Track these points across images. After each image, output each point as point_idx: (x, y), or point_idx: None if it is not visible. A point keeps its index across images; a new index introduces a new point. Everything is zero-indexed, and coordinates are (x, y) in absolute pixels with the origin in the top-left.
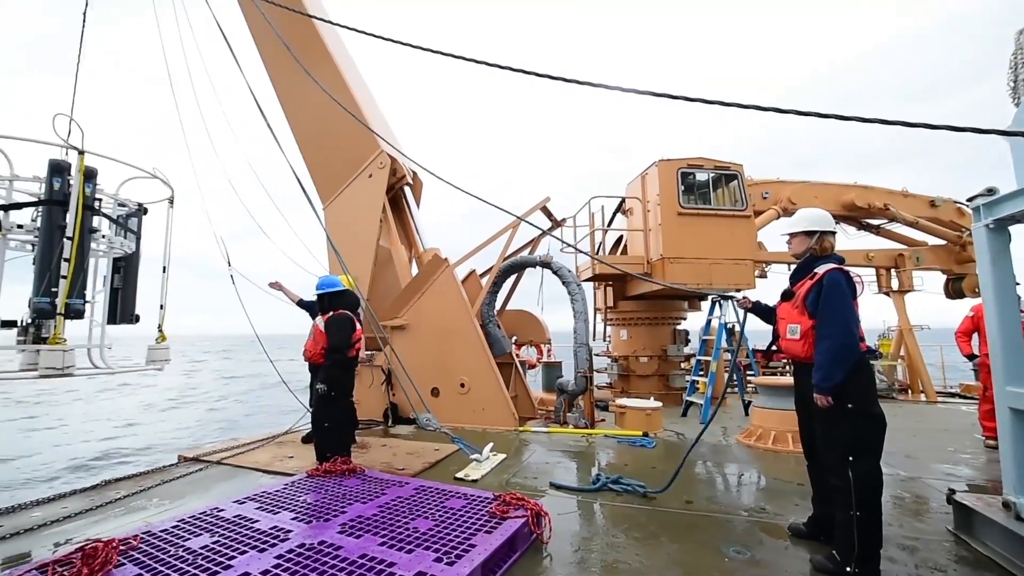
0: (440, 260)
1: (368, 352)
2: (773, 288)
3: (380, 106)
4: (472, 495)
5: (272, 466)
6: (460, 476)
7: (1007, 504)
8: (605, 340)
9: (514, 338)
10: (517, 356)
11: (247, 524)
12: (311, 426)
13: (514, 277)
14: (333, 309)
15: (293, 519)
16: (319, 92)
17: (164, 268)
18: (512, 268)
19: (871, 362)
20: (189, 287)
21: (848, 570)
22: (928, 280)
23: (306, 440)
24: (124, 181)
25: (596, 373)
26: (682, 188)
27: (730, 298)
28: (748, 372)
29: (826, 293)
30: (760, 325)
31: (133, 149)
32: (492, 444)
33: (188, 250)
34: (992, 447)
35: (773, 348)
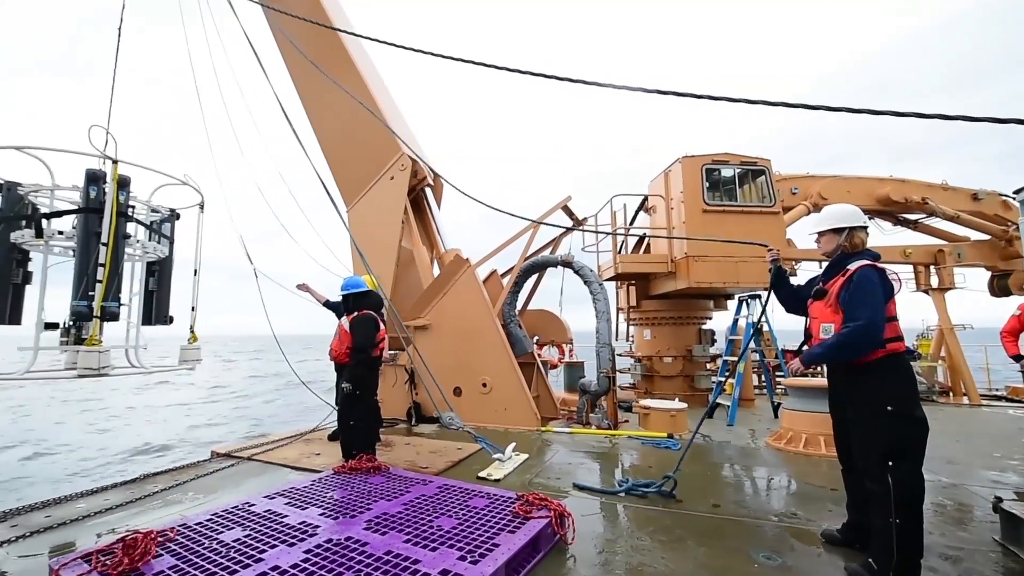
0: (462, 260)
1: (391, 352)
2: None
3: (400, 109)
4: (495, 494)
5: (300, 463)
6: (483, 475)
7: None
8: (628, 340)
9: (535, 338)
10: (539, 356)
11: (277, 519)
12: (337, 424)
13: (535, 277)
14: (358, 309)
15: (321, 515)
16: (342, 97)
17: (195, 271)
18: (533, 268)
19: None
20: (224, 289)
21: None
22: (971, 277)
23: (332, 438)
24: (156, 188)
25: (619, 373)
26: (707, 185)
27: (757, 297)
28: (778, 373)
29: (854, 286)
30: (790, 323)
31: (132, 149)
32: (514, 444)
33: (224, 253)
34: None
35: (805, 348)
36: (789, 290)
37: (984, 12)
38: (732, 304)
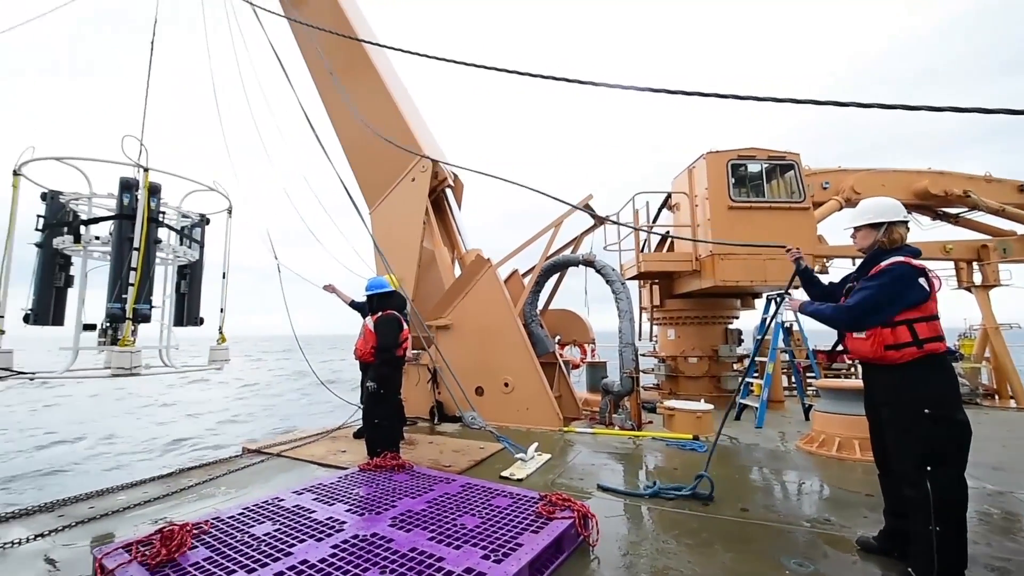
0: (483, 260)
1: (414, 351)
2: None
3: (420, 111)
4: (518, 494)
5: (327, 459)
6: (505, 475)
7: None
8: (652, 340)
9: (557, 338)
10: (560, 356)
11: (305, 514)
12: (362, 422)
13: (556, 276)
14: (382, 309)
15: (347, 511)
16: (364, 101)
17: (224, 274)
18: (554, 267)
19: (951, 364)
20: (255, 290)
21: None
22: (1017, 273)
23: (358, 435)
24: (187, 194)
25: (642, 374)
26: (732, 181)
27: (787, 295)
28: (809, 374)
29: (876, 273)
30: (820, 324)
31: (161, 155)
32: (537, 444)
33: (255, 256)
34: None
35: (838, 348)
36: (820, 289)
37: None
38: (760, 303)
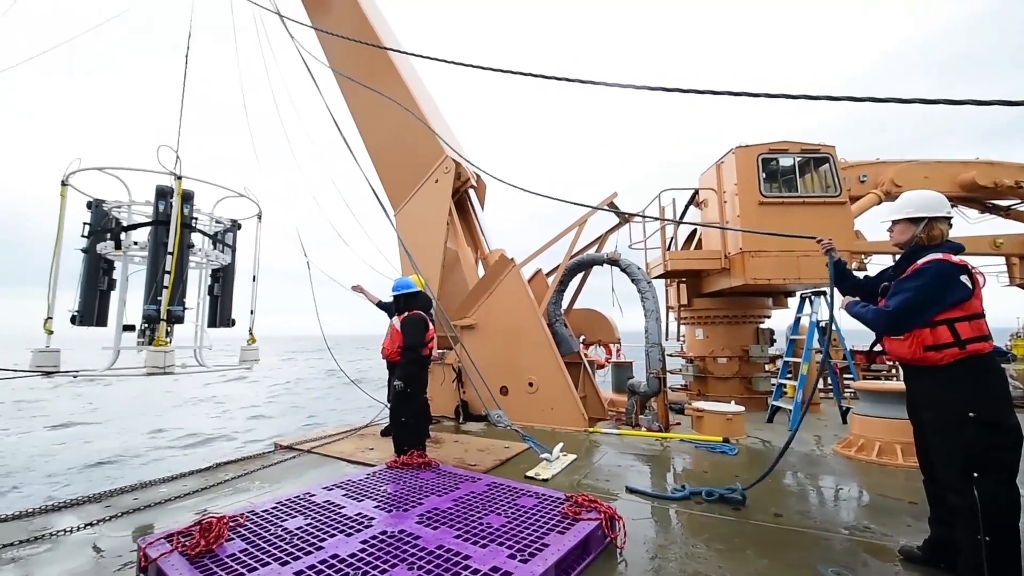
0: (507, 260)
1: (439, 351)
2: None
3: (443, 113)
4: (543, 494)
5: (355, 456)
6: (531, 475)
7: None
8: (679, 340)
9: (582, 337)
10: (585, 356)
11: (335, 509)
12: (389, 420)
13: (581, 275)
14: (408, 309)
15: (375, 507)
16: (388, 105)
17: (254, 277)
18: (579, 266)
19: (1002, 365)
20: (288, 292)
21: None
22: None
23: (385, 433)
24: (218, 200)
25: (669, 374)
26: (763, 175)
27: (821, 294)
28: (846, 376)
29: (913, 272)
30: (858, 324)
31: (194, 162)
32: (562, 444)
33: (287, 257)
34: None
35: (876, 349)
36: (854, 284)
37: None
38: (793, 301)
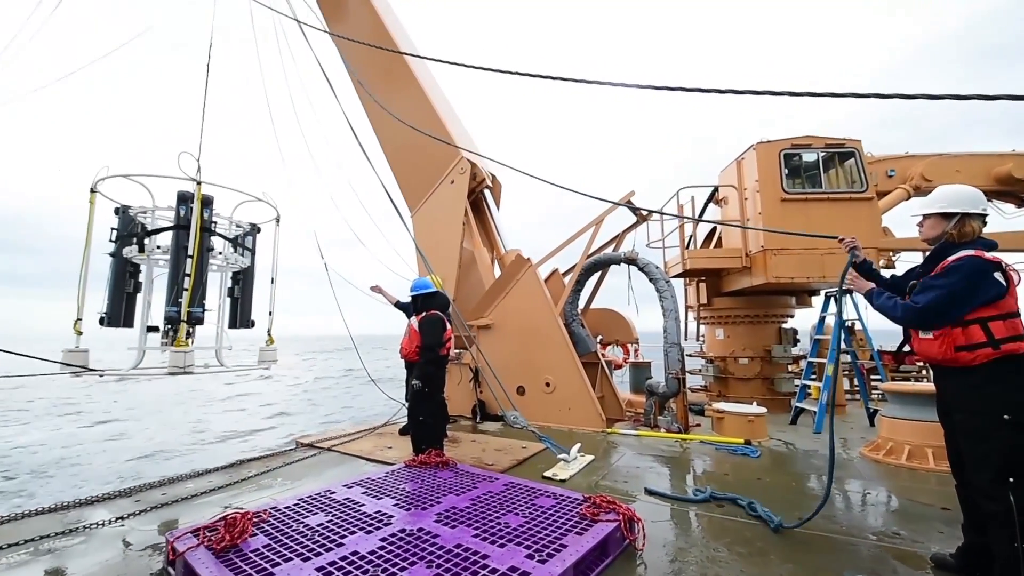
0: (523, 260)
1: (456, 351)
2: None
3: (458, 113)
4: (561, 495)
5: (374, 455)
6: (548, 475)
7: None
8: (698, 340)
9: (599, 337)
10: (603, 356)
11: (355, 507)
12: (407, 419)
13: (598, 275)
14: (426, 309)
15: (394, 505)
16: (404, 108)
17: (272, 279)
18: (595, 266)
19: None
20: (307, 293)
21: None
22: None
23: (403, 432)
24: (237, 205)
25: (689, 375)
26: (786, 171)
27: (848, 292)
28: (873, 377)
29: (943, 269)
30: (886, 323)
31: (215, 166)
32: (580, 444)
33: (308, 258)
34: None
35: (905, 349)
36: (881, 283)
37: None
38: (817, 300)
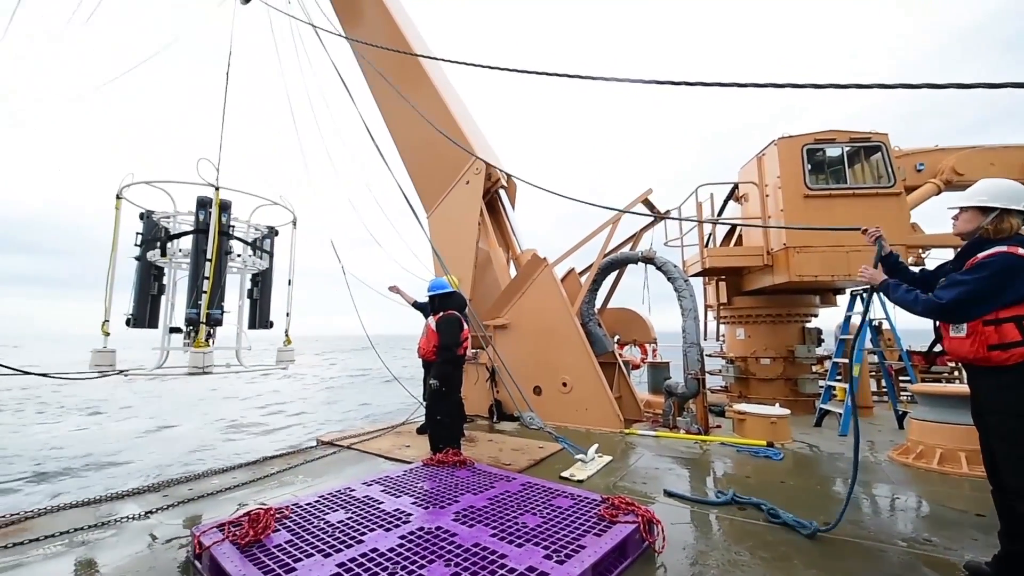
0: (539, 260)
1: (473, 351)
2: None
3: (472, 114)
4: (579, 495)
5: (392, 453)
6: (565, 475)
7: None
8: (718, 340)
9: (616, 337)
10: (620, 356)
11: (374, 504)
12: (425, 418)
13: (615, 274)
14: (443, 309)
15: (413, 503)
16: (420, 109)
17: (289, 281)
18: (612, 265)
19: None
20: (326, 294)
21: None
22: None
23: (421, 431)
24: (255, 208)
25: (708, 375)
26: (809, 167)
27: (875, 291)
28: (902, 378)
29: (973, 265)
30: (913, 321)
31: (234, 171)
32: (597, 445)
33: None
34: None
35: (936, 350)
36: (908, 278)
37: None
38: (843, 299)
